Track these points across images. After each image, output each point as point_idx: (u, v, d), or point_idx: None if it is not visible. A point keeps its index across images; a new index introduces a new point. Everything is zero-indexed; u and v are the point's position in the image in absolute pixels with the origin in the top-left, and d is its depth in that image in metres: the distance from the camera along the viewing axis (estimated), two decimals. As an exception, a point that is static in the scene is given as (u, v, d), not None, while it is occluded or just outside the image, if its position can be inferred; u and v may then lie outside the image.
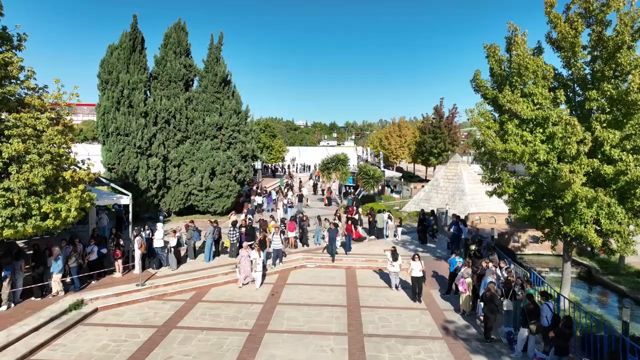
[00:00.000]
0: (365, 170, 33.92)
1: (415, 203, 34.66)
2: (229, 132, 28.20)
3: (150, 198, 26.61)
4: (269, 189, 36.25)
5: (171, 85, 27.54)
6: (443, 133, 51.51)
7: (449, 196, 32.88)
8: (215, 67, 28.23)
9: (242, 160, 29.02)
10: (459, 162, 33.90)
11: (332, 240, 19.02)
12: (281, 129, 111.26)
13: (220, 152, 27.91)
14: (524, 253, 20.87)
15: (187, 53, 28.91)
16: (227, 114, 28.17)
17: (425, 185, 45.76)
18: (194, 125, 27.77)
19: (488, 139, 14.28)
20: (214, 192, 27.98)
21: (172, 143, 27.23)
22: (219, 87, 28.20)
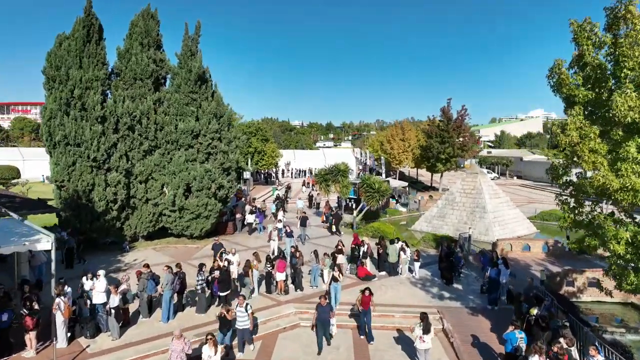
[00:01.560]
0: (370, 183, 29.21)
1: (427, 220, 30.00)
2: (207, 141, 23.39)
3: (111, 221, 21.78)
4: (261, 201, 31.35)
5: (137, 83, 22.71)
6: (452, 137, 46.88)
7: (467, 213, 28.25)
8: (189, 62, 23.42)
9: (224, 173, 24.23)
10: (477, 174, 29.27)
11: (324, 323, 12.41)
12: (275, 131, 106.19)
13: (197, 164, 23.11)
14: (581, 300, 16.31)
15: (157, 45, 24.09)
16: (205, 118, 23.37)
17: (434, 196, 41.10)
18: (165, 133, 22.94)
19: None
20: (189, 212, 23.20)
21: (138, 154, 22.40)
22: (194, 86, 23.39)
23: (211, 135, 23.44)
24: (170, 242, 24.49)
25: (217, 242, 19.73)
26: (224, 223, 27.16)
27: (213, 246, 19.25)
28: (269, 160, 51.29)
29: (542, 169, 66.36)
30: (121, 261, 20.65)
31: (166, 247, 23.70)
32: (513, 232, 28.00)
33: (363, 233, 26.96)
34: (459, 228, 28.05)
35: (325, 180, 30.45)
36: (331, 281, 14.39)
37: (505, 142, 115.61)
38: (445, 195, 30.40)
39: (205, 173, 22.92)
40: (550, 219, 32.41)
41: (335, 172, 30.16)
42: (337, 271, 14.49)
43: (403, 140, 53.85)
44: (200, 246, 23.85)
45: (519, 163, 73.50)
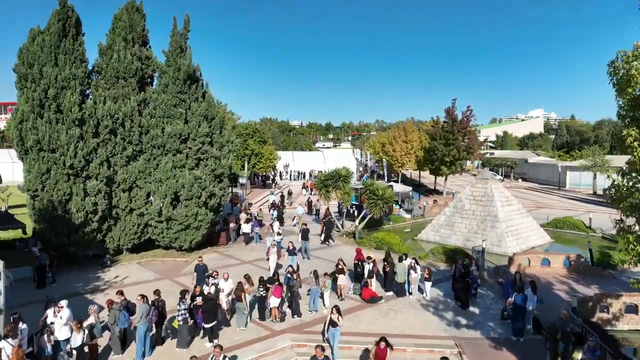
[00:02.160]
0: (373, 189, 27.28)
1: (434, 229, 28.08)
2: (197, 145, 21.46)
3: (90, 234, 19.85)
4: (258, 209, 29.37)
5: (119, 83, 20.79)
6: (457, 139, 44.95)
7: (477, 222, 26.34)
8: (178, 59, 21.48)
9: (216, 180, 22.30)
10: (488, 180, 27.35)
11: None
12: (273, 132, 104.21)
13: (186, 171, 21.19)
14: (617, 329, 14.39)
15: (143, 41, 22.18)
16: (194, 120, 21.44)
17: (438, 200, 39.10)
18: (150, 137, 21.02)
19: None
20: (177, 223, 21.27)
21: (120, 160, 20.47)
22: (183, 86, 21.46)
23: (201, 139, 21.52)
24: (158, 255, 22.56)
25: (200, 263, 17.06)
26: (216, 233, 25.24)
27: (196, 268, 16.83)
28: (267, 163, 49.36)
29: (548, 171, 64.59)
30: (100, 279, 18.72)
31: (152, 260, 21.77)
32: (527, 242, 26.11)
33: (366, 243, 25.09)
34: (469, 238, 26.16)
35: (326, 186, 28.50)
36: (329, 326, 12.16)
37: (507, 143, 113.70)
38: (453, 202, 28.49)
39: (194, 180, 21.00)
40: (564, 226, 30.54)
41: (336, 177, 28.22)
42: (336, 313, 12.11)
43: (406, 142, 51.96)
44: (189, 260, 21.91)
45: (524, 165, 71.63)
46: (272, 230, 22.61)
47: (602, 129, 77.60)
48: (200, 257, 17.71)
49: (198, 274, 16.18)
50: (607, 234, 29.09)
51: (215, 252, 23.56)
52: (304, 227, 22.08)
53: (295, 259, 18.44)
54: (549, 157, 76.50)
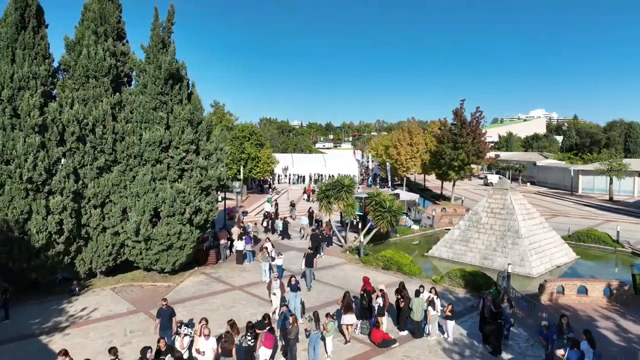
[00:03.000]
0: (379, 201, 24.57)
1: (447, 245, 25.36)
2: (180, 154, 18.74)
3: (56, 257, 17.14)
4: (252, 219, 26.58)
5: (89, 82, 18.07)
6: (466, 142, 42.22)
7: (496, 238, 23.61)
8: (159, 55, 18.76)
9: (202, 194, 19.59)
10: (507, 190, 24.60)
11: None
12: (272, 133, 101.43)
13: (167, 183, 18.47)
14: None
15: (118, 35, 19.48)
16: (177, 126, 18.72)
17: (447, 208, 36.40)
18: (126, 144, 18.30)
19: None
20: (158, 243, 18.56)
21: (90, 172, 17.75)
22: (164, 86, 18.73)
23: (185, 147, 18.80)
24: (136, 278, 19.86)
25: (163, 306, 12.52)
26: (205, 251, 22.53)
27: (158, 313, 12.62)
28: (264, 168, 46.64)
29: (559, 174, 61.86)
30: (64, 312, 15.99)
31: (130, 285, 19.05)
32: (551, 260, 23.41)
33: (372, 262, 22.40)
34: (487, 256, 23.46)
35: (327, 197, 25.79)
36: None
37: (512, 144, 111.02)
38: (468, 215, 25.75)
39: (177, 194, 18.29)
40: (588, 240, 27.82)
41: (338, 187, 25.51)
42: None
43: (411, 145, 49.23)
44: (172, 284, 19.21)
45: (532, 168, 68.93)
46: (266, 252, 19.65)
47: (613, 130, 74.90)
48: (164, 301, 12.78)
49: (162, 321, 12.39)
50: (637, 250, 26.40)
51: (202, 274, 20.85)
52: (307, 252, 19.05)
53: (300, 295, 15.40)
54: (558, 159, 73.82)
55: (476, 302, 16.87)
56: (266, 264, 19.03)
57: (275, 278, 15.42)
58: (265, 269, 19.00)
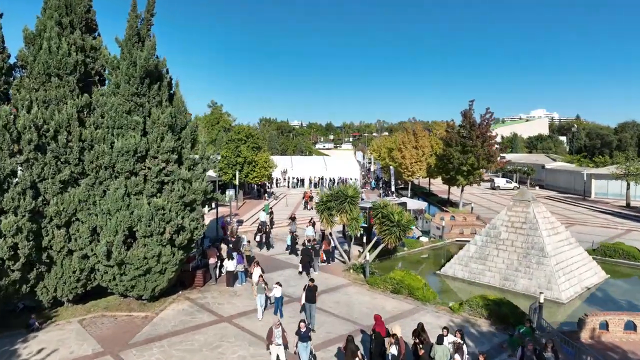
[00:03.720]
0: (387, 214, 22.02)
1: (462, 262, 22.79)
2: (159, 164, 16.18)
3: (10, 287, 14.60)
4: (246, 230, 23.95)
5: (52, 82, 15.52)
6: (475, 146, 39.63)
7: (518, 256, 21.06)
8: (134, 50, 16.20)
9: (186, 209, 17.04)
10: (530, 202, 22.03)
11: None
12: (271, 134, 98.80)
13: (144, 199, 15.92)
14: None
15: (87, 27, 16.94)
16: (156, 132, 16.17)
17: (456, 216, 33.74)
18: (95, 154, 15.74)
19: None
20: (134, 267, 16.02)
21: (52, 187, 15.20)
22: (140, 86, 16.16)
23: (165, 156, 16.24)
24: (110, 306, 17.32)
25: None
26: (191, 272, 19.99)
27: None
28: (261, 172, 44.06)
29: (569, 178, 59.14)
30: (15, 355, 13.44)
31: (102, 317, 16.51)
32: (581, 281, 20.87)
33: (380, 285, 19.86)
34: (507, 276, 20.91)
35: (329, 209, 23.23)
36: None
37: (517, 145, 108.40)
38: (485, 229, 23.17)
39: (155, 211, 15.75)
40: (616, 255, 25.25)
41: (341, 198, 22.95)
42: None
43: (416, 148, 46.65)
44: (150, 314, 16.68)
45: (540, 171, 66.29)
46: (262, 282, 16.80)
47: (625, 131, 72.18)
48: None
49: None
50: (673, 267, 23.85)
51: (186, 300, 18.30)
52: (309, 284, 16.18)
53: (310, 345, 12.56)
54: (567, 161, 71.20)
55: (504, 341, 14.35)
56: (261, 296, 16.17)
57: (277, 325, 12.61)
58: (261, 303, 16.19)
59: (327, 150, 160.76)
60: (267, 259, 24.68)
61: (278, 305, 16.11)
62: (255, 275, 17.34)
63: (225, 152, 43.71)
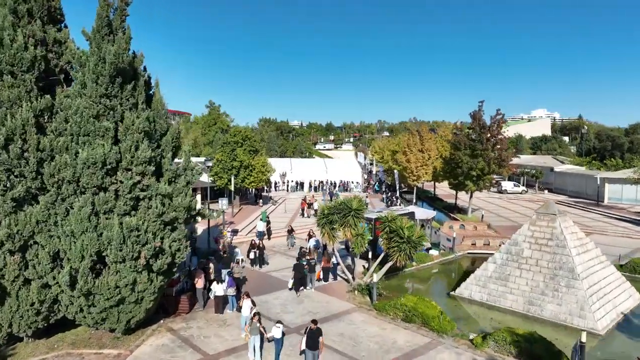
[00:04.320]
0: (396, 228, 19.66)
1: (479, 283, 20.43)
2: (132, 178, 13.81)
3: (-47, 325, 12.23)
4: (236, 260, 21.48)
5: (4, 80, 13.14)
6: (486, 149, 37.26)
7: (544, 277, 18.70)
8: (104, 44, 13.83)
9: (166, 229, 14.69)
10: (556, 216, 19.66)
11: None
12: (270, 136, 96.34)
13: (115, 218, 13.55)
14: None
15: (50, 17, 14.57)
16: (129, 139, 13.81)
17: (466, 225, 31.17)
18: (56, 166, 13.37)
19: None
20: (104, 297, 13.68)
21: (4, 205, 12.84)
22: (111, 86, 13.78)
23: (140, 168, 13.87)
24: (79, 340, 14.97)
25: None
26: (175, 296, 17.62)
27: None
28: (259, 177, 41.70)
29: (580, 181, 56.64)
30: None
31: (67, 355, 14.15)
32: (615, 306, 18.51)
33: (389, 312, 17.52)
34: (533, 300, 18.55)
35: (330, 222, 20.87)
36: None
37: (523, 147, 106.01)
38: (506, 246, 20.80)
39: (128, 233, 13.39)
40: (647, 272, 22.91)
41: (345, 211, 20.59)
42: None
43: (422, 152, 44.28)
44: (124, 352, 14.32)
45: (549, 174, 63.95)
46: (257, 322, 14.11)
47: (637, 133, 69.59)
48: None
49: None
50: None
51: (168, 332, 15.92)
52: (311, 327, 13.56)
53: None
54: (575, 164, 68.88)
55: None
56: (256, 337, 13.38)
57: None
58: (255, 345, 13.36)
59: (327, 151, 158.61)
60: (261, 277, 22.34)
61: (278, 351, 13.59)
62: (246, 309, 14.89)
63: (221, 155, 41.35)
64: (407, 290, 22.58)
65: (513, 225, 37.96)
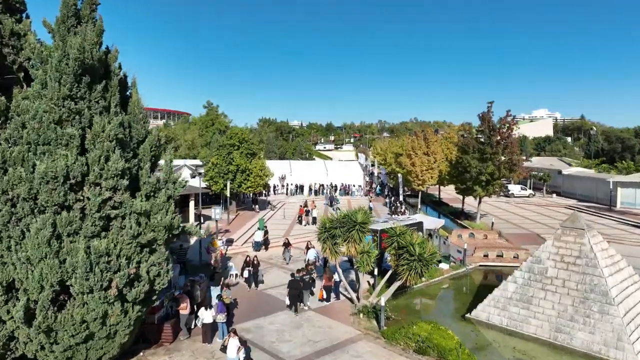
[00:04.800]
0: (405, 244, 17.63)
1: (499, 305, 18.38)
2: (102, 194, 11.77)
3: None
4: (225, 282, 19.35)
5: (-52, 80, 11.11)
6: (496, 153, 35.23)
7: (573, 302, 16.65)
8: (68, 37, 11.79)
9: (144, 251, 12.66)
10: (584, 231, 17.60)
11: None
12: (269, 137, 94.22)
13: (80, 241, 11.51)
14: None
15: (6, 6, 12.56)
16: (98, 149, 11.77)
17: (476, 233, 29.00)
18: (9, 181, 11.32)
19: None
20: (68, 334, 11.64)
21: (-55, 228, 10.81)
22: (76, 86, 11.73)
23: (111, 182, 11.83)
24: (42, 380, 12.90)
25: None
26: (157, 325, 15.57)
27: None
28: (256, 181, 39.65)
29: (590, 185, 54.47)
30: None
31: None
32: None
33: (400, 341, 15.47)
34: (561, 327, 16.50)
35: (333, 237, 18.82)
36: None
37: (526, 148, 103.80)
38: (527, 263, 18.73)
39: (97, 258, 11.36)
40: (679, 290, 20.80)
41: (349, 224, 18.55)
42: None
43: (427, 155, 42.23)
44: (93, 396, 12.25)
45: (557, 176, 61.89)
46: None
47: (648, 135, 67.81)
48: None
49: None
50: None
51: (148, 367, 13.91)
52: None
53: None
54: (584, 166, 66.84)
55: None
56: None
57: None
58: None
59: (327, 152, 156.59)
60: (256, 296, 20.30)
61: None
62: (232, 351, 12.82)
63: (216, 159, 39.30)
64: (418, 311, 20.56)
65: (524, 233, 35.97)
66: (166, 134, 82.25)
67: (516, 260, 27.14)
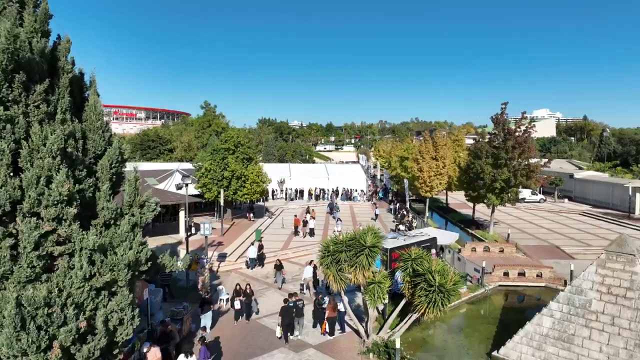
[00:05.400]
0: (423, 272, 14.95)
1: (532, 344, 15.61)
2: (40, 227, 9.03)
3: None
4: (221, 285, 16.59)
5: None
6: (512, 158, 32.52)
7: (626, 343, 13.91)
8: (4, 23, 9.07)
9: (101, 296, 9.93)
10: (635, 257, 14.86)
11: None
12: (268, 139, 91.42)
13: (10, 289, 8.77)
14: None
15: None
16: (37, 167, 9.03)
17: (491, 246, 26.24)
18: None
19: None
20: (-2, 407, 8.87)
21: None
22: (6, 87, 9.00)
23: (54, 210, 9.10)
24: None
25: None
26: (126, 376, 12.83)
27: None
28: (253, 188, 36.91)
29: (605, 190, 51.51)
30: None
31: None
32: None
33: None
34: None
35: (337, 262, 16.08)
36: None
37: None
38: (565, 294, 15.98)
39: (33, 311, 8.64)
40: None
41: (356, 247, 15.80)
42: None
43: (436, 159, 39.49)
44: None
45: (569, 180, 59.15)
46: None
47: (663, 136, 65.03)
48: None
49: None
50: None
51: None
52: None
53: None
54: (596, 170, 64.13)
55: None
56: None
57: None
58: None
59: (328, 153, 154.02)
60: (248, 330, 17.50)
61: None
62: None
63: (210, 164, 36.58)
64: (436, 347, 17.80)
65: (543, 245, 33.27)
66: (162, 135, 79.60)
67: (540, 279, 24.49)
